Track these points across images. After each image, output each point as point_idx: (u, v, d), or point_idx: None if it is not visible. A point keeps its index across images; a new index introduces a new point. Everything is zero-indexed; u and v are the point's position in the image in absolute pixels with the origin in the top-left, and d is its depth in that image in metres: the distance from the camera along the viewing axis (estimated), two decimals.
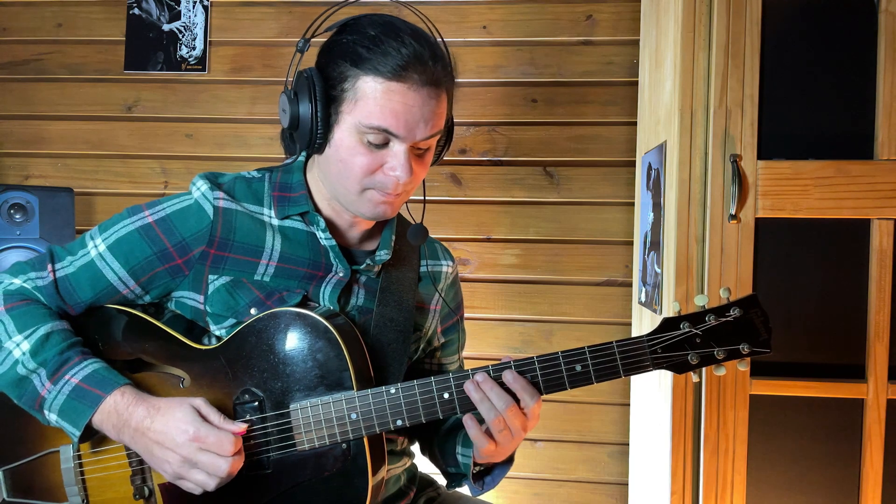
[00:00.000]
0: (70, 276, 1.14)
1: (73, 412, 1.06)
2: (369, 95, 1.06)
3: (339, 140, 1.10)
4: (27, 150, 2.43)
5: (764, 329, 1.06)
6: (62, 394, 1.06)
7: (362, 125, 1.07)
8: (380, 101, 1.05)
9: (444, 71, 1.10)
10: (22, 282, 1.13)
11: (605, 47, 2.25)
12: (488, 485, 1.23)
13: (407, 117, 1.06)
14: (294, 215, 1.19)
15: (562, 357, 1.06)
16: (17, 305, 1.11)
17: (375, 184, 1.11)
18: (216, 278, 1.16)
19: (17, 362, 1.08)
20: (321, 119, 1.08)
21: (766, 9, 1.52)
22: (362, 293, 1.23)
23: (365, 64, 1.05)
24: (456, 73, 1.16)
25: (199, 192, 1.17)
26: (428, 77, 1.06)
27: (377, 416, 1.07)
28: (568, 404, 2.28)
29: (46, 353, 1.08)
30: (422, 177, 1.16)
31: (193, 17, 2.37)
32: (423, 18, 1.15)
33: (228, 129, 2.38)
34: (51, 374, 1.07)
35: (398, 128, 1.07)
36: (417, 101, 1.06)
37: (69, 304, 1.15)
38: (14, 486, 1.15)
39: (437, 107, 1.09)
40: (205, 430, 1.02)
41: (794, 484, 1.54)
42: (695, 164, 1.56)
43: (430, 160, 1.17)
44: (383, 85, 1.05)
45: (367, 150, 1.09)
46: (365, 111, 1.06)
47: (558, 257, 2.28)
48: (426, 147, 1.13)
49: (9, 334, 1.09)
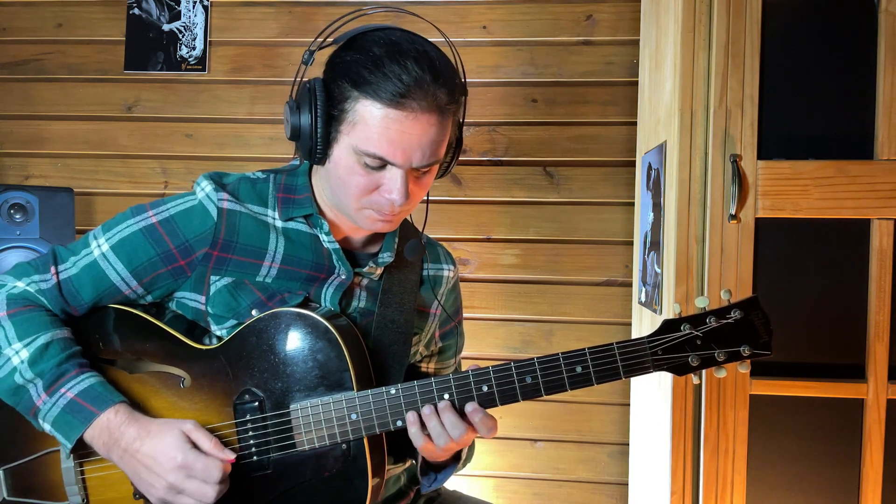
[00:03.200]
0: (73, 277, 1.14)
1: (66, 425, 1.07)
2: (367, 121, 1.04)
3: (337, 158, 1.09)
4: (27, 150, 2.43)
5: (765, 331, 1.05)
6: (57, 406, 1.07)
7: (359, 149, 1.06)
8: (377, 127, 1.04)
9: (449, 96, 1.06)
10: (25, 285, 1.13)
11: (605, 47, 2.25)
12: (438, 481, 1.22)
13: (404, 145, 1.05)
14: (298, 217, 1.19)
15: (562, 358, 1.06)
16: (19, 311, 1.11)
17: (372, 204, 1.11)
18: (218, 279, 1.16)
19: (14, 370, 1.08)
20: (321, 136, 1.08)
21: (766, 9, 1.52)
22: (364, 295, 1.23)
23: (365, 87, 1.03)
24: (462, 91, 1.12)
25: (204, 193, 1.16)
26: (428, 104, 1.04)
27: (377, 417, 1.07)
28: (568, 404, 2.28)
29: (44, 365, 1.08)
30: (421, 196, 1.15)
31: (193, 17, 2.37)
32: (442, 35, 1.13)
33: (228, 129, 2.38)
34: (47, 387, 1.07)
35: (394, 156, 1.05)
36: (416, 130, 1.04)
37: (73, 306, 1.15)
38: (14, 485, 1.15)
39: (438, 134, 1.07)
40: (192, 456, 1.03)
41: (794, 484, 1.54)
42: (695, 164, 1.56)
43: (432, 180, 1.15)
44: (381, 112, 1.03)
45: (364, 171, 1.08)
46: (362, 136, 1.05)
47: (558, 257, 2.28)
48: (426, 170, 1.11)
49: (9, 341, 1.09)
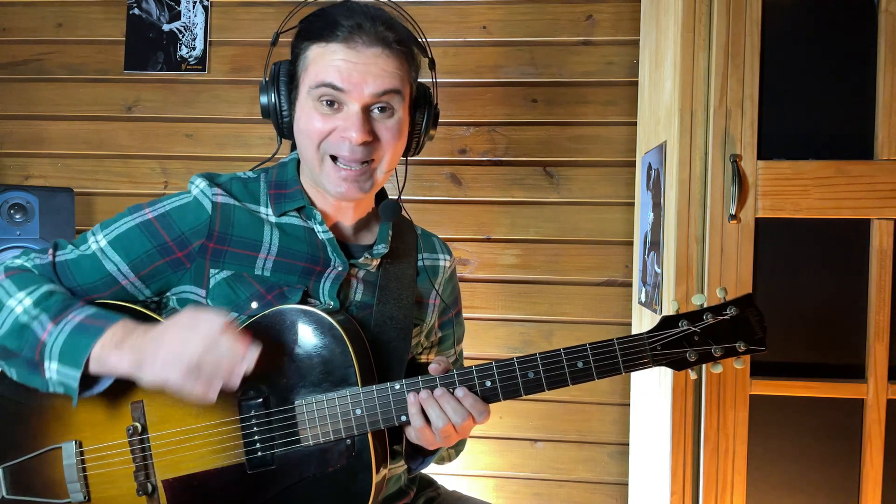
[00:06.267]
0: (70, 261, 1.15)
1: (73, 349, 1.03)
2: (316, 59, 1.11)
3: (298, 114, 1.15)
4: (27, 150, 2.43)
5: (759, 328, 1.07)
6: (63, 333, 1.05)
7: (311, 88, 1.11)
8: (325, 61, 1.10)
9: (397, 36, 1.11)
10: (23, 261, 1.15)
11: (605, 47, 2.26)
12: (425, 463, 1.22)
13: (351, 72, 1.09)
14: (291, 211, 1.21)
15: (564, 354, 1.06)
16: (16, 273, 1.12)
17: (331, 147, 1.13)
18: (217, 272, 1.16)
19: (20, 314, 1.07)
20: (284, 100, 1.16)
21: (766, 9, 1.53)
22: (361, 288, 1.23)
23: (313, 35, 1.11)
24: (423, 53, 1.19)
25: (198, 190, 1.19)
26: (374, 38, 1.09)
27: (381, 412, 1.08)
28: (568, 404, 2.28)
29: (49, 303, 1.08)
30: (391, 146, 1.15)
31: (193, 17, 2.38)
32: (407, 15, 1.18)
33: (228, 129, 2.38)
34: (53, 317, 1.06)
35: (342, 81, 1.09)
36: (363, 59, 1.09)
37: (66, 287, 1.14)
38: (14, 483, 1.15)
39: (388, 64, 1.11)
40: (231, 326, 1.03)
41: (794, 484, 1.55)
42: (695, 164, 1.56)
43: (400, 128, 1.15)
44: (327, 47, 1.10)
45: (321, 114, 1.12)
46: (312, 73, 1.11)
47: (558, 257, 2.28)
48: (385, 106, 1.12)
49: (9, 293, 1.09)
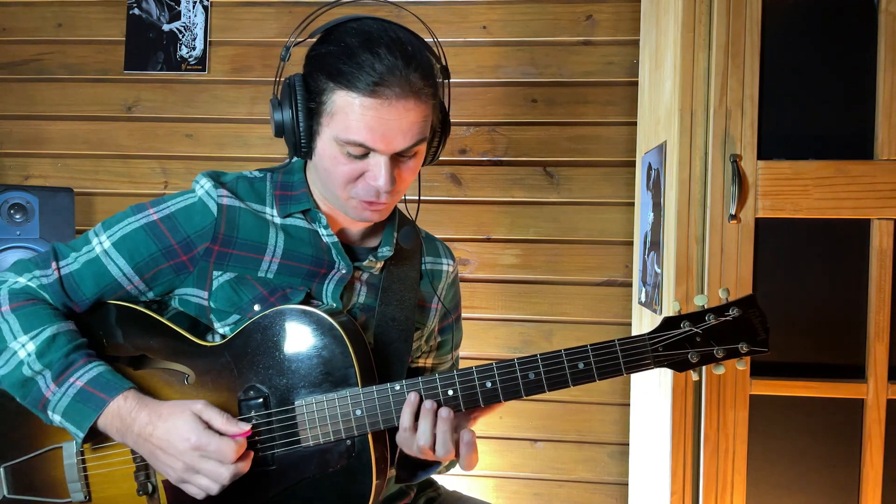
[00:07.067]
0: (74, 273, 1.14)
1: (77, 415, 1.06)
2: (345, 111, 1.06)
3: (321, 150, 1.11)
4: (27, 150, 2.42)
5: (762, 329, 1.06)
6: (67, 396, 1.06)
7: (340, 139, 1.07)
8: (355, 116, 1.05)
9: (425, 79, 1.08)
10: (27, 280, 1.13)
11: (605, 47, 2.26)
12: (418, 477, 1.22)
13: (383, 131, 1.06)
14: (296, 213, 1.20)
15: (565, 354, 1.06)
16: (22, 305, 1.11)
17: (359, 192, 1.12)
18: (220, 274, 1.16)
19: (22, 363, 1.08)
20: (303, 130, 1.10)
21: (766, 9, 1.52)
22: (364, 290, 1.23)
23: (340, 79, 1.05)
24: (444, 74, 1.15)
25: (203, 190, 1.17)
26: (403, 90, 1.05)
27: (382, 413, 1.07)
28: (568, 404, 2.28)
29: (52, 355, 1.08)
30: (409, 181, 1.16)
31: (193, 17, 2.37)
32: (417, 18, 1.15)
33: (228, 129, 2.38)
34: (56, 377, 1.07)
35: (374, 142, 1.06)
36: (393, 115, 1.05)
37: (74, 302, 1.15)
38: (14, 482, 1.15)
39: (417, 117, 1.08)
40: (206, 438, 1.03)
41: (794, 484, 1.55)
42: (695, 164, 1.56)
43: (419, 164, 1.16)
44: (357, 101, 1.05)
45: (347, 160, 1.09)
46: (342, 126, 1.07)
47: (558, 257, 2.28)
48: (412, 154, 1.12)
49: (14, 335, 1.09)
